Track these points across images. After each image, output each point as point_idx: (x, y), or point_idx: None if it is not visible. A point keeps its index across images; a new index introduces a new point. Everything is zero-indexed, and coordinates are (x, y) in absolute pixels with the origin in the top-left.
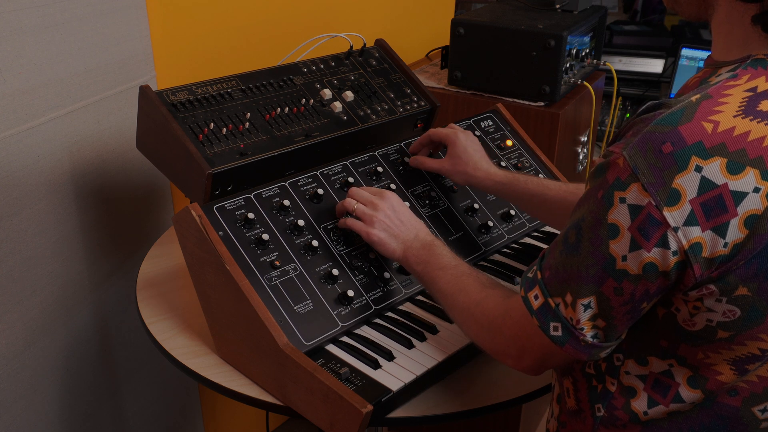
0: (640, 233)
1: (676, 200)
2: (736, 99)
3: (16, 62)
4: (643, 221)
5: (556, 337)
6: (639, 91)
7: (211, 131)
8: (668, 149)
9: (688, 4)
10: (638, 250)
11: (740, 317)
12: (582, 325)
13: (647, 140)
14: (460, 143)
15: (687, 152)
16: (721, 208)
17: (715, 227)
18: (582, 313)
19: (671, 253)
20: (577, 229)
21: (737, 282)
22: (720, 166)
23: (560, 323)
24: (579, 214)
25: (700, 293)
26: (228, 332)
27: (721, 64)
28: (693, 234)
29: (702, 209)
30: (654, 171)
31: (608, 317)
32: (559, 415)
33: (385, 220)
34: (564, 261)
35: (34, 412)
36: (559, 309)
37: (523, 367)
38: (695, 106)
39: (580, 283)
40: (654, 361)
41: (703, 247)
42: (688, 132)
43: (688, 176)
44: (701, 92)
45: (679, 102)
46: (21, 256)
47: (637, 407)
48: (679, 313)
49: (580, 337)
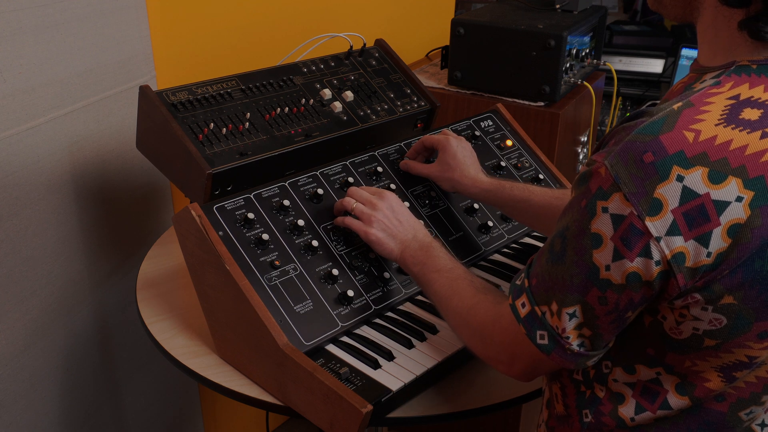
0: (623, 243)
1: (658, 210)
2: (718, 107)
3: (16, 62)
4: (626, 231)
5: (542, 345)
6: (639, 91)
7: (211, 131)
8: (649, 159)
9: (672, 6)
10: (621, 259)
11: (726, 325)
12: (568, 333)
13: (628, 149)
14: (450, 149)
15: (668, 162)
16: (704, 218)
17: (697, 237)
18: (567, 322)
19: (654, 262)
20: (562, 238)
21: (722, 291)
22: (702, 175)
23: (546, 332)
24: (564, 223)
25: (686, 302)
26: (228, 332)
27: (707, 70)
28: (675, 244)
29: (684, 219)
30: (635, 181)
31: (593, 326)
32: (548, 419)
33: (384, 219)
34: (550, 269)
35: (34, 412)
36: (545, 318)
37: (515, 374)
38: (677, 115)
39: (565, 292)
40: (642, 369)
41: (687, 256)
42: (669, 141)
43: (670, 186)
44: (683, 99)
45: (661, 110)
46: (21, 256)
47: (624, 413)
48: (666, 321)
49: (566, 346)
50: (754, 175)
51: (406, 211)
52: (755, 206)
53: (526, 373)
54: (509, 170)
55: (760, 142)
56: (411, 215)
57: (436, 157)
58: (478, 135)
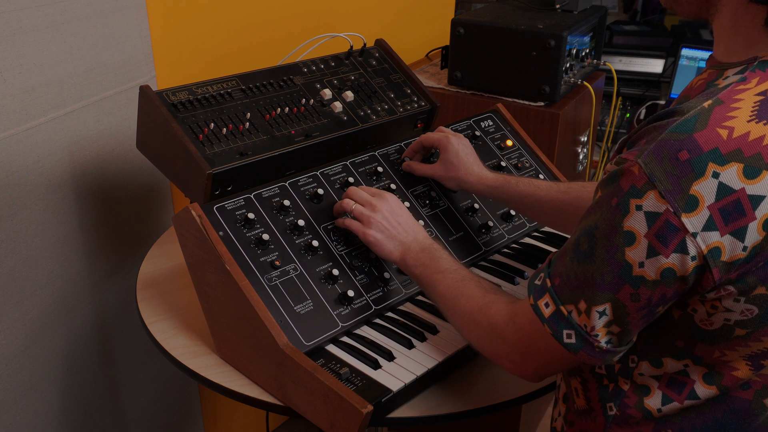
0: (658, 240)
1: (695, 206)
2: (748, 104)
3: (16, 62)
4: (661, 228)
5: (570, 344)
6: (639, 91)
7: (211, 131)
8: (685, 156)
9: (688, 4)
10: (656, 256)
11: (758, 315)
12: (597, 332)
13: (663, 148)
14: (451, 148)
15: (704, 159)
16: (740, 213)
17: (734, 231)
18: (597, 320)
19: (690, 258)
20: (589, 237)
21: (756, 282)
22: (737, 171)
23: (574, 330)
24: (590, 221)
25: (719, 294)
26: (228, 332)
27: (726, 66)
28: (712, 239)
29: (720, 214)
30: (671, 178)
31: (623, 323)
32: (566, 414)
33: (383, 221)
34: (576, 269)
35: (34, 411)
36: (572, 316)
37: (525, 373)
38: (708, 113)
39: (595, 291)
40: (669, 362)
41: (722, 251)
42: (703, 139)
43: (706, 182)
44: (712, 97)
45: (692, 108)
46: (21, 256)
47: (651, 405)
48: (696, 314)
49: (594, 344)
50: None
51: (405, 212)
52: None
53: (538, 373)
54: (509, 170)
55: None
56: (410, 217)
57: (435, 156)
58: (479, 135)
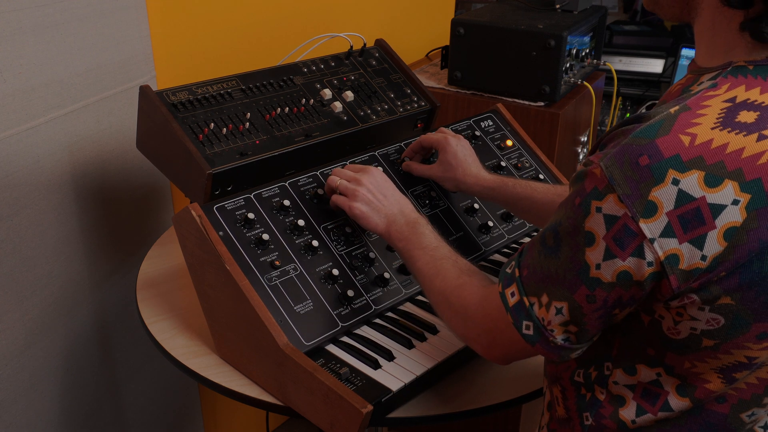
0: (616, 243)
1: (653, 212)
2: (714, 110)
3: (16, 62)
4: (619, 231)
5: (527, 335)
6: (639, 91)
7: (211, 131)
8: (645, 162)
9: (669, 6)
10: (613, 259)
11: (724, 326)
12: (553, 327)
13: (624, 152)
14: (450, 149)
15: (664, 165)
16: (699, 221)
17: (692, 240)
18: (554, 316)
19: (646, 263)
20: (554, 233)
21: (720, 292)
22: (698, 179)
23: (532, 322)
24: (557, 217)
25: (682, 302)
26: (228, 332)
27: (704, 71)
28: (669, 245)
29: (679, 222)
30: (630, 183)
31: (580, 323)
32: (549, 422)
33: (368, 194)
34: (542, 262)
35: (34, 411)
36: (532, 309)
37: (493, 357)
38: (673, 119)
39: (558, 286)
40: (642, 369)
41: (680, 258)
42: (665, 145)
43: (665, 189)
44: (680, 103)
45: (658, 114)
46: (21, 256)
47: (626, 416)
48: (663, 321)
49: (549, 338)
50: (751, 178)
51: (391, 185)
52: (752, 209)
53: (504, 358)
54: (509, 170)
55: (756, 144)
56: (396, 190)
57: (434, 156)
58: (478, 135)
